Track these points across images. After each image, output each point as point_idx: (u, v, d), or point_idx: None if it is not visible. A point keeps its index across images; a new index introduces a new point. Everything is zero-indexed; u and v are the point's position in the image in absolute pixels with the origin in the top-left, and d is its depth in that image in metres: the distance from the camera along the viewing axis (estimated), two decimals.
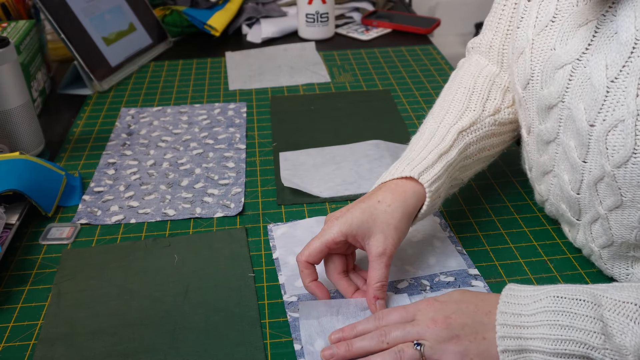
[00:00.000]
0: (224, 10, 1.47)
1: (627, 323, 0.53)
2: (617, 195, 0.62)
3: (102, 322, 0.68)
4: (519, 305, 0.58)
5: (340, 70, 1.29)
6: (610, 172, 0.61)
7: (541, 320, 0.56)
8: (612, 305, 0.54)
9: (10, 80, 0.93)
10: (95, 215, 0.85)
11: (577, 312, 0.55)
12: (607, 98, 0.60)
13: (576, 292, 0.56)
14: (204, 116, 1.11)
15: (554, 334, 0.55)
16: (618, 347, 0.53)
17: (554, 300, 0.57)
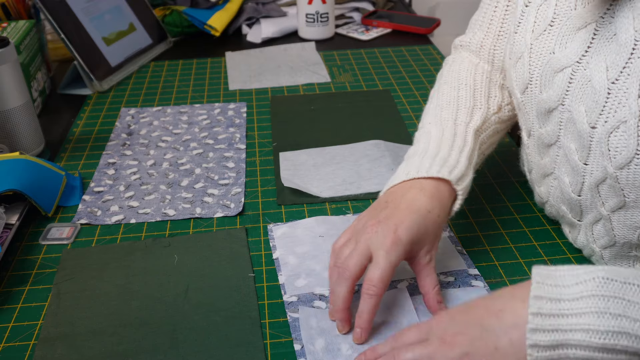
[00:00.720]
0: (224, 10, 1.47)
1: None
2: (620, 197, 0.62)
3: (102, 322, 0.68)
4: (557, 288, 0.49)
5: (340, 70, 1.29)
6: (613, 174, 0.61)
7: (587, 307, 0.48)
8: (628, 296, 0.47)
9: (10, 80, 0.93)
10: (95, 215, 0.85)
11: (632, 300, 0.47)
12: (609, 100, 0.60)
13: (628, 275, 0.48)
14: (204, 116, 1.11)
15: (603, 324, 0.47)
16: None
17: (604, 282, 0.48)
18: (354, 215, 0.83)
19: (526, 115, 0.74)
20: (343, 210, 0.85)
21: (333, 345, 0.64)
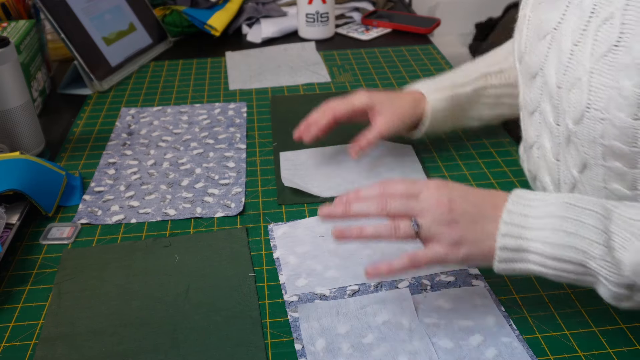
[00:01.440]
0: (224, 10, 1.47)
1: (630, 239, 0.55)
2: (582, 154, 0.66)
3: (103, 321, 0.68)
4: (527, 207, 0.60)
5: (340, 70, 1.29)
6: (573, 130, 0.65)
7: (546, 225, 0.58)
8: (620, 221, 0.56)
9: (10, 80, 0.93)
10: (96, 215, 0.85)
11: (585, 222, 0.57)
12: (571, 60, 0.64)
13: (588, 202, 0.59)
14: (204, 116, 1.11)
15: (556, 238, 0.57)
16: (617, 261, 0.55)
17: (564, 206, 0.59)
18: None
19: (520, 84, 0.78)
20: None
21: (334, 345, 0.64)
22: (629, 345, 0.63)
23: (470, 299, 0.69)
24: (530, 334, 0.65)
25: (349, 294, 0.70)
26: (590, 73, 0.61)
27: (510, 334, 0.65)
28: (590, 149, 0.64)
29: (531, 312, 0.68)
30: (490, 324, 0.66)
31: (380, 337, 0.64)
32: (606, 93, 0.60)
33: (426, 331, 0.65)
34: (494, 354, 0.62)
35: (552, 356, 0.62)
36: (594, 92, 0.61)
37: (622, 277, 0.56)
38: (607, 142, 0.62)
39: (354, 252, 0.76)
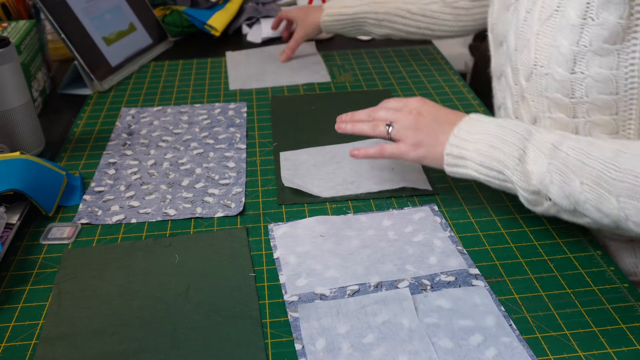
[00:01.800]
0: (224, 10, 1.47)
1: (540, 156, 0.69)
2: (533, 109, 0.79)
3: (103, 321, 0.68)
4: (473, 126, 0.75)
5: (341, 70, 1.29)
6: (525, 86, 0.78)
7: (481, 139, 0.73)
8: (535, 141, 0.70)
9: (10, 80, 0.93)
10: (96, 215, 0.85)
11: (507, 139, 0.71)
12: (524, 25, 0.76)
13: (516, 125, 0.72)
14: (204, 116, 1.11)
15: (484, 150, 0.72)
16: (527, 172, 0.70)
17: (497, 127, 0.73)
18: (355, 215, 0.84)
19: (491, 52, 0.89)
20: (344, 210, 0.85)
21: (334, 345, 0.64)
22: (628, 345, 0.63)
23: (470, 299, 0.69)
24: (530, 333, 0.65)
25: (349, 293, 0.70)
26: (537, 35, 0.74)
27: (510, 334, 0.65)
28: (538, 102, 0.77)
29: (531, 312, 0.68)
30: (490, 324, 0.66)
31: (380, 337, 0.65)
32: (548, 51, 0.73)
33: (426, 331, 0.65)
34: (493, 354, 0.62)
35: (552, 356, 0.63)
36: (539, 51, 0.74)
37: (530, 185, 0.70)
38: (551, 95, 0.75)
39: (354, 252, 0.76)
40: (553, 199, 0.69)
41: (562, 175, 0.68)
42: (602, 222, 0.68)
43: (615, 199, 0.65)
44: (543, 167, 0.68)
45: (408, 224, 0.81)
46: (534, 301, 0.69)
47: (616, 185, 0.64)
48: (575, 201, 0.68)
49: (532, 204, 0.72)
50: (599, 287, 0.71)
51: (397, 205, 0.86)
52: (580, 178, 0.66)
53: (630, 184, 0.63)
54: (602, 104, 0.72)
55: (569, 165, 0.67)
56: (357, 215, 0.83)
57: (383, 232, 0.80)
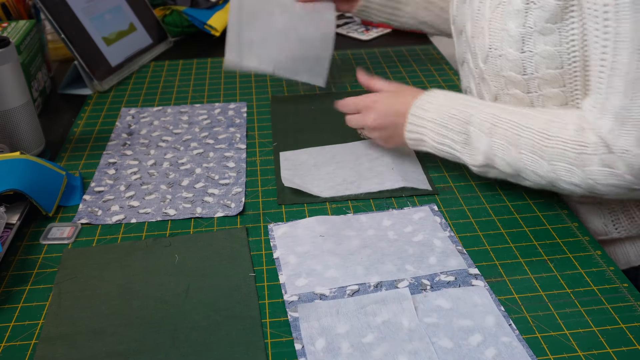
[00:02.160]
0: (224, 10, 1.47)
1: (481, 135, 0.79)
2: (492, 88, 0.86)
3: (103, 321, 0.68)
4: (424, 111, 0.84)
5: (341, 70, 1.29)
6: (483, 69, 0.85)
7: (432, 128, 0.83)
8: (476, 123, 0.80)
9: (10, 80, 0.93)
10: (96, 215, 0.85)
11: (450, 127, 0.82)
12: (478, 14, 0.84)
13: (457, 111, 0.82)
14: (204, 116, 1.11)
15: (434, 137, 0.83)
16: (473, 150, 0.80)
17: (443, 115, 0.83)
18: (355, 215, 0.84)
19: (454, 43, 0.97)
20: (343, 210, 0.85)
21: (333, 345, 0.64)
22: (628, 345, 0.63)
23: (470, 298, 0.69)
24: (530, 333, 0.65)
25: (348, 293, 0.71)
26: (489, 21, 0.81)
27: (510, 334, 0.65)
28: (497, 82, 0.84)
29: (531, 311, 0.68)
30: (490, 324, 0.66)
31: (380, 337, 0.65)
32: (500, 35, 0.80)
33: (426, 331, 0.65)
34: (493, 354, 0.62)
35: (552, 356, 0.63)
36: (492, 35, 0.82)
37: (478, 161, 0.80)
38: (506, 74, 0.82)
39: (354, 252, 0.76)
40: (498, 167, 0.79)
41: (502, 149, 0.78)
42: (540, 183, 0.78)
43: (547, 163, 0.75)
44: (486, 144, 0.79)
45: (408, 224, 0.82)
46: (534, 301, 0.69)
47: (547, 151, 0.75)
48: (516, 168, 0.78)
49: (482, 174, 0.83)
50: (598, 287, 0.71)
51: (397, 205, 0.86)
52: (518, 148, 0.76)
53: (559, 149, 0.74)
54: (550, 78, 0.79)
55: (508, 139, 0.77)
56: (357, 215, 0.84)
57: (383, 232, 0.80)
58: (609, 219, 0.89)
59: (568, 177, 0.74)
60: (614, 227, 0.89)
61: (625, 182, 0.71)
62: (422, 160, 0.95)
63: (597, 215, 0.89)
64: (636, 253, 0.91)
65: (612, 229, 0.89)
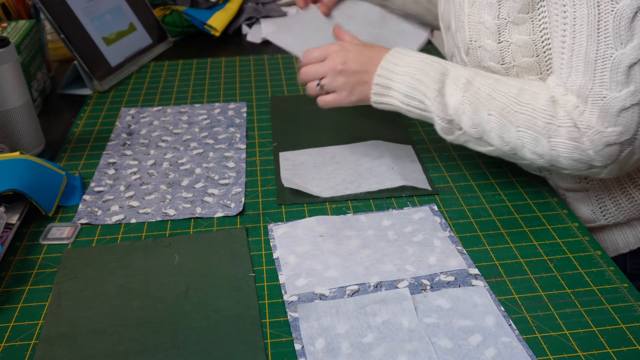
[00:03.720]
0: (223, 10, 1.47)
1: (455, 89, 0.79)
2: None
3: (103, 321, 0.68)
4: (399, 59, 0.84)
5: None
6: (466, 61, 0.89)
7: (406, 72, 0.82)
8: (453, 76, 0.80)
9: (10, 80, 0.93)
10: (96, 215, 0.85)
11: (429, 73, 0.81)
12: (459, 10, 0.87)
13: (437, 61, 0.82)
14: (204, 116, 1.11)
15: (408, 81, 0.82)
16: (445, 102, 0.80)
17: (421, 61, 0.82)
18: (354, 215, 0.84)
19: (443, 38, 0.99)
20: (343, 210, 0.85)
21: (333, 345, 0.64)
22: (628, 345, 0.63)
23: (470, 299, 0.69)
24: (529, 333, 0.65)
25: (348, 293, 0.70)
26: (468, 15, 0.85)
27: (509, 334, 0.65)
28: None
29: (531, 312, 0.68)
30: (490, 324, 0.66)
31: (379, 337, 0.65)
32: (478, 27, 0.84)
33: (426, 331, 0.65)
34: (493, 354, 0.62)
35: (552, 356, 0.63)
36: (471, 29, 0.85)
37: (446, 114, 0.80)
38: (487, 64, 0.85)
39: (353, 252, 0.76)
40: (463, 127, 0.80)
41: (473, 107, 0.78)
42: (503, 149, 0.79)
43: (515, 128, 0.76)
44: (458, 99, 0.79)
45: (408, 224, 0.82)
46: (534, 301, 0.69)
47: (517, 117, 0.76)
48: (482, 130, 0.79)
49: (445, 133, 0.83)
50: (598, 287, 0.71)
51: (397, 205, 0.86)
52: (488, 110, 0.77)
53: (528, 116, 0.75)
54: (527, 66, 0.82)
55: (480, 98, 0.78)
56: (357, 215, 0.83)
57: (383, 232, 0.80)
58: (597, 206, 0.90)
59: (533, 146, 0.76)
60: (602, 214, 0.90)
61: (587, 157, 0.74)
62: (422, 161, 0.95)
63: (585, 203, 0.90)
64: (624, 240, 0.92)
65: (600, 215, 0.90)
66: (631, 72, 0.70)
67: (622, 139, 0.72)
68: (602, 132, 0.72)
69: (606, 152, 0.73)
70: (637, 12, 0.68)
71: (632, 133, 0.72)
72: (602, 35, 0.70)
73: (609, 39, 0.70)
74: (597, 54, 0.71)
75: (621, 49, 0.69)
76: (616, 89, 0.71)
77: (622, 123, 0.71)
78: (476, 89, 0.79)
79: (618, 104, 0.71)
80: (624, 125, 0.71)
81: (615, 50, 0.70)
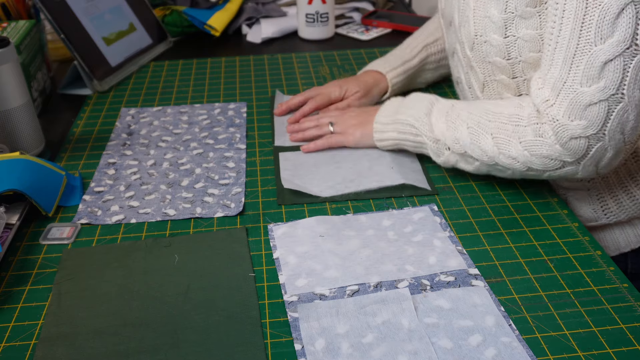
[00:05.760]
0: (223, 10, 1.47)
1: (441, 113, 0.86)
2: (480, 75, 0.90)
3: (103, 322, 0.68)
4: (394, 100, 0.94)
5: (341, 71, 1.29)
6: (470, 56, 0.90)
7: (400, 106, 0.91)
8: (440, 104, 0.88)
9: (10, 80, 0.93)
10: (96, 215, 0.85)
11: (419, 102, 0.89)
12: (464, 4, 0.87)
13: (427, 96, 0.90)
14: (204, 116, 1.11)
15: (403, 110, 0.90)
16: (431, 123, 0.87)
17: (414, 97, 0.92)
18: (354, 215, 0.84)
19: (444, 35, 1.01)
20: (343, 210, 0.85)
21: (333, 345, 0.64)
22: (628, 345, 0.63)
23: (470, 299, 0.69)
24: (529, 334, 0.65)
25: (348, 293, 0.70)
26: (474, 10, 0.85)
27: (509, 334, 0.65)
28: (484, 68, 0.89)
29: (531, 312, 0.68)
30: (490, 324, 0.66)
31: (379, 337, 0.65)
32: (484, 22, 0.84)
33: (426, 331, 0.65)
34: (493, 354, 0.62)
35: (552, 356, 0.63)
36: (477, 23, 0.85)
37: (433, 133, 0.86)
38: (492, 59, 0.86)
39: (353, 252, 0.76)
40: (448, 144, 0.85)
41: (454, 124, 0.84)
42: (483, 159, 0.82)
43: (490, 136, 0.81)
44: (442, 120, 0.85)
45: (408, 224, 0.81)
46: (534, 301, 0.69)
47: (489, 125, 0.81)
48: (464, 144, 0.83)
49: (436, 154, 0.88)
50: (598, 287, 0.71)
51: (397, 205, 0.86)
52: (467, 124, 0.83)
53: (499, 122, 0.80)
54: (533, 62, 0.82)
55: (460, 116, 0.84)
56: (357, 215, 0.83)
57: (383, 232, 0.80)
58: (598, 205, 0.91)
59: (507, 150, 0.80)
60: (603, 213, 0.91)
61: (556, 152, 0.76)
62: (422, 160, 0.95)
63: (586, 202, 0.92)
64: (625, 239, 0.93)
65: (601, 214, 0.91)
66: (605, 68, 0.70)
67: (587, 133, 0.74)
68: (566, 124, 0.74)
69: (572, 146, 0.75)
70: (623, 8, 0.68)
71: (597, 128, 0.73)
72: (585, 29, 0.70)
73: (590, 33, 0.70)
74: (577, 49, 0.72)
75: (600, 45, 0.70)
76: (587, 83, 0.72)
77: (588, 117, 0.73)
78: (458, 110, 0.85)
79: (586, 99, 0.72)
80: (589, 119, 0.73)
81: (594, 45, 0.70)
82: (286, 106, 1.09)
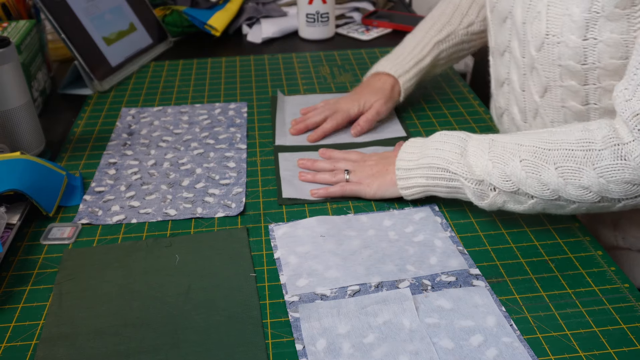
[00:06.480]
0: (224, 10, 1.47)
1: (479, 149, 0.75)
2: (543, 79, 0.82)
3: (104, 322, 0.68)
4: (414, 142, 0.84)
5: (341, 71, 1.29)
6: (535, 57, 0.81)
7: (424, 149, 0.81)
8: (474, 140, 0.77)
9: (11, 80, 0.93)
10: (96, 215, 0.85)
11: (448, 142, 0.79)
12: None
13: (454, 133, 0.80)
14: (204, 116, 1.11)
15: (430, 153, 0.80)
16: (469, 163, 0.75)
17: (438, 136, 0.81)
18: (355, 215, 0.84)
19: (490, 31, 0.93)
20: (344, 210, 0.85)
21: (334, 345, 0.64)
22: (629, 345, 0.63)
23: (471, 299, 0.69)
24: (531, 334, 0.65)
25: (349, 294, 0.70)
26: (548, 6, 0.76)
27: (511, 334, 0.65)
28: (550, 72, 0.80)
29: (532, 312, 0.68)
30: (491, 324, 0.66)
31: (381, 337, 0.65)
32: (560, 20, 0.75)
33: (427, 331, 0.65)
34: (494, 354, 0.62)
35: (553, 356, 0.63)
36: (551, 21, 0.76)
37: (474, 174, 0.75)
38: (564, 63, 0.77)
39: (354, 252, 0.76)
40: (495, 184, 0.74)
41: (502, 159, 0.73)
42: (544, 195, 0.72)
43: (553, 167, 0.70)
44: (484, 157, 0.75)
45: (409, 224, 0.81)
46: (535, 301, 0.69)
47: (552, 154, 0.71)
48: (517, 180, 0.72)
49: (479, 198, 0.77)
50: (599, 288, 0.71)
51: (398, 205, 0.85)
52: (520, 156, 0.72)
53: (564, 150, 0.70)
54: (613, 69, 0.74)
55: (507, 150, 0.74)
56: (358, 216, 0.83)
57: (384, 232, 0.80)
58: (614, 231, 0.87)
59: (577, 179, 0.69)
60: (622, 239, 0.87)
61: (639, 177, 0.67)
62: None
63: (606, 227, 0.87)
64: None
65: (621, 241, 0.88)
66: None
67: None
68: None
69: None
70: None
71: None
72: None
73: None
74: None
75: None
76: None
77: None
78: (502, 143, 0.74)
79: None
80: None
81: None
82: (304, 125, 1.03)
